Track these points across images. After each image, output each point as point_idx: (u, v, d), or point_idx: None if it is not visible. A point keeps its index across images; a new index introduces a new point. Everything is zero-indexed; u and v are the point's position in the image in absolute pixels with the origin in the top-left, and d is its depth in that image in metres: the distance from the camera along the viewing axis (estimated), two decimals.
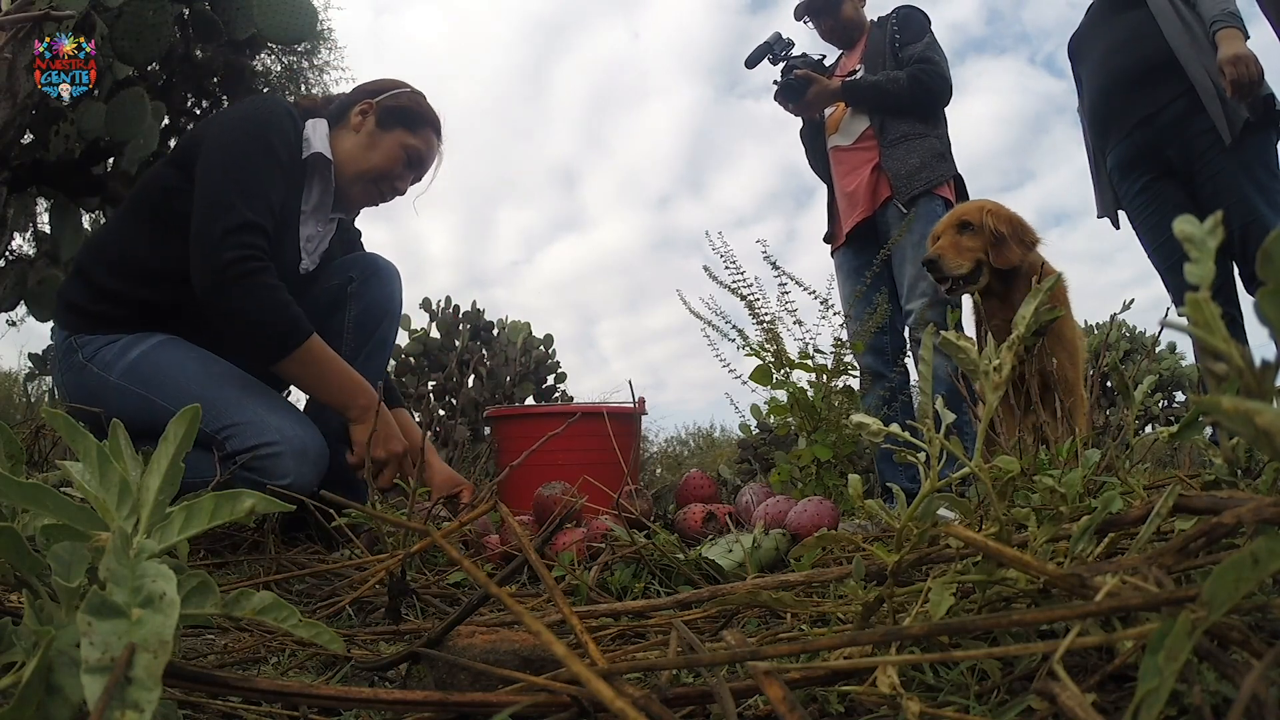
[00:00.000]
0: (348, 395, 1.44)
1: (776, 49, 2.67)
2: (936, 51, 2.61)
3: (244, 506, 0.49)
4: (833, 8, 2.73)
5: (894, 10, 2.75)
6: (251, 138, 1.45)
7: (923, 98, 2.56)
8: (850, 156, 2.69)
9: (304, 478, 1.40)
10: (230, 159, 1.42)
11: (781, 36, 2.69)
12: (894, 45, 2.64)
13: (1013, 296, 2.08)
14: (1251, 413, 0.28)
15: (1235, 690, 0.33)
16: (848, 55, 2.79)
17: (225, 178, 1.40)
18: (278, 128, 1.49)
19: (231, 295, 1.34)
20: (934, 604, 0.52)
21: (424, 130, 1.68)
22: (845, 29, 2.77)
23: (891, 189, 2.53)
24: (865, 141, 2.64)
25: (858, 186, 2.63)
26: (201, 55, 3.76)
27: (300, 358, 1.39)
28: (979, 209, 2.12)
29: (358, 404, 1.44)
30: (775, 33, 2.69)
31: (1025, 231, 2.09)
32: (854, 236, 2.67)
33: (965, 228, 2.11)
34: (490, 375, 4.72)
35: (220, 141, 1.45)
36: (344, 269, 1.70)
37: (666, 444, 7.79)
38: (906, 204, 2.48)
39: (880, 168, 2.58)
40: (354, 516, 1.10)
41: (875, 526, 1.28)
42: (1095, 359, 2.60)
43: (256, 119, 1.48)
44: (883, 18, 2.76)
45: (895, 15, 2.72)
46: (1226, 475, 0.69)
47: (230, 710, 0.53)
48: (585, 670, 0.36)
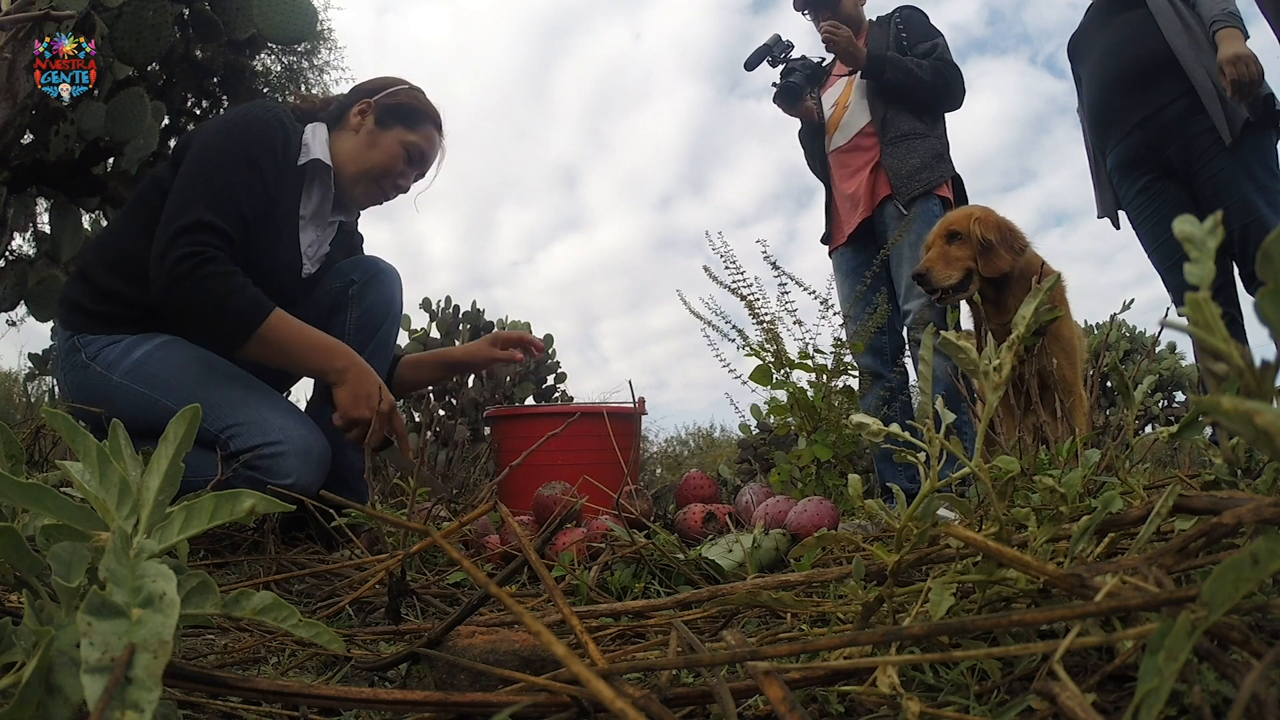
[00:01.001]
0: (324, 359, 1.43)
1: (776, 51, 2.66)
2: (950, 54, 2.60)
3: (244, 506, 0.49)
4: (832, 2, 2.70)
5: (896, 10, 2.73)
6: (230, 146, 1.46)
7: (943, 91, 2.55)
8: (850, 158, 2.67)
9: (307, 478, 1.40)
10: (203, 164, 1.44)
11: (781, 39, 2.67)
12: (900, 44, 2.62)
13: (1006, 301, 2.08)
14: (1251, 413, 0.28)
15: (1235, 690, 0.33)
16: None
17: (193, 183, 1.41)
18: (261, 137, 1.49)
19: (180, 291, 1.34)
20: (934, 604, 0.52)
21: (424, 126, 1.68)
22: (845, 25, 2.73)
23: (891, 188, 2.51)
24: (864, 139, 2.62)
25: (857, 188, 2.62)
26: (201, 55, 3.76)
27: (265, 336, 1.38)
28: (967, 217, 2.12)
29: (334, 366, 1.42)
30: (775, 35, 2.68)
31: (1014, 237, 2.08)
32: (852, 237, 2.66)
33: (954, 237, 2.11)
34: (490, 375, 4.72)
35: (200, 148, 1.46)
36: (345, 272, 1.70)
37: (666, 444, 7.80)
38: (906, 204, 2.47)
39: (879, 166, 2.56)
40: (354, 516, 1.10)
41: (875, 526, 1.28)
42: (1095, 359, 2.60)
43: (240, 128, 1.49)
44: (883, 17, 2.74)
45: (899, 15, 2.70)
46: (1226, 475, 0.69)
47: (230, 710, 0.53)
48: (585, 670, 0.36)
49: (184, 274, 1.33)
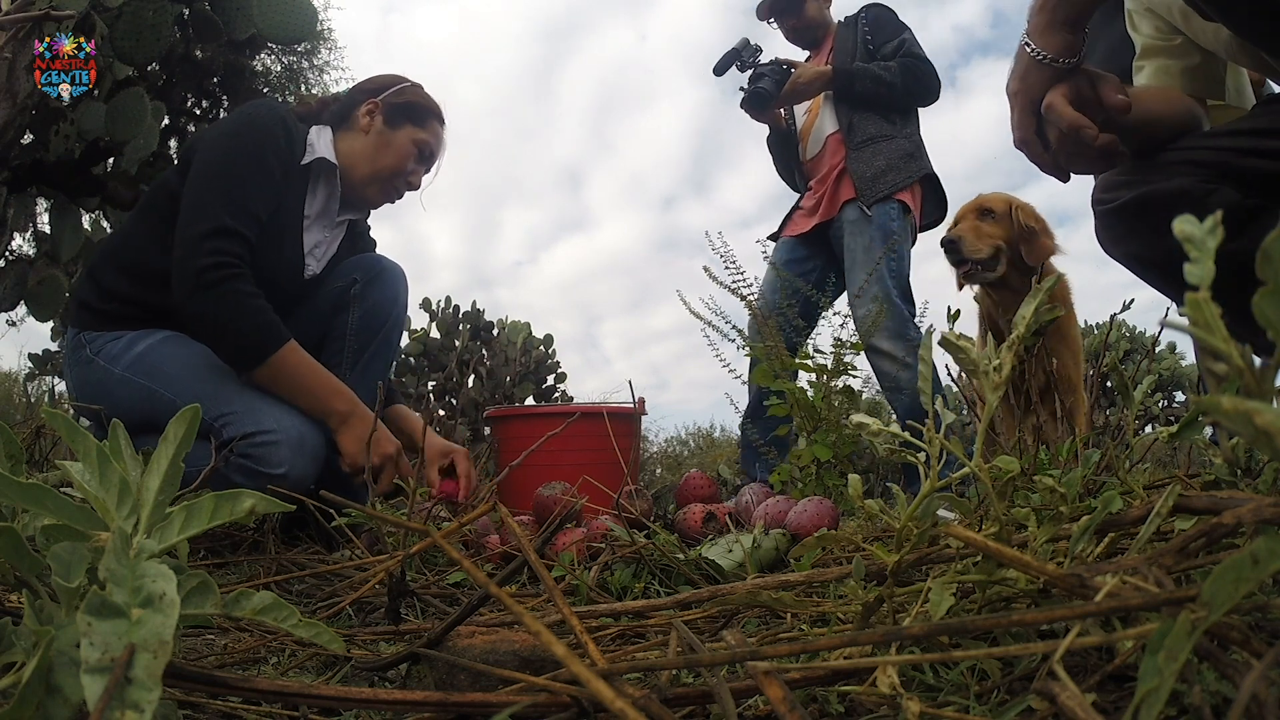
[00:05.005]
0: (324, 401, 1.43)
1: (745, 55, 2.62)
2: (919, 47, 2.58)
3: (244, 506, 0.49)
4: (796, 7, 2.69)
5: (862, 9, 2.70)
6: (240, 146, 1.46)
7: (915, 89, 2.53)
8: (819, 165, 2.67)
9: (299, 469, 1.39)
10: (216, 167, 1.44)
11: (750, 43, 2.63)
12: (866, 44, 2.60)
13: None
14: (1251, 413, 0.28)
15: (1235, 690, 0.33)
16: (814, 57, 2.75)
17: (208, 185, 1.42)
18: (269, 135, 1.50)
19: (203, 301, 1.35)
20: (934, 604, 0.52)
21: (430, 122, 1.69)
22: (809, 29, 2.73)
23: (855, 191, 2.49)
24: (832, 147, 2.62)
25: (823, 194, 2.62)
26: (201, 55, 3.76)
27: (276, 364, 1.39)
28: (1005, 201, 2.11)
29: (335, 409, 1.43)
30: (743, 39, 2.64)
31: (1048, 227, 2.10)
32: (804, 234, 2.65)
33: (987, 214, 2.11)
34: (490, 375, 4.72)
35: (210, 149, 1.47)
36: (348, 271, 1.70)
37: (666, 444, 7.79)
38: (869, 206, 2.46)
39: (845, 172, 2.55)
40: (354, 516, 1.10)
41: (874, 526, 1.28)
42: (1095, 359, 2.60)
43: (248, 127, 1.49)
44: (850, 17, 2.71)
45: (864, 15, 2.67)
46: (1226, 475, 0.69)
47: (230, 710, 0.53)
48: (585, 670, 0.36)
49: (210, 283, 1.35)
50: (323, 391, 1.43)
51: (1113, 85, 1.01)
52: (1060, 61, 0.98)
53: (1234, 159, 1.02)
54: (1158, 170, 1.06)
